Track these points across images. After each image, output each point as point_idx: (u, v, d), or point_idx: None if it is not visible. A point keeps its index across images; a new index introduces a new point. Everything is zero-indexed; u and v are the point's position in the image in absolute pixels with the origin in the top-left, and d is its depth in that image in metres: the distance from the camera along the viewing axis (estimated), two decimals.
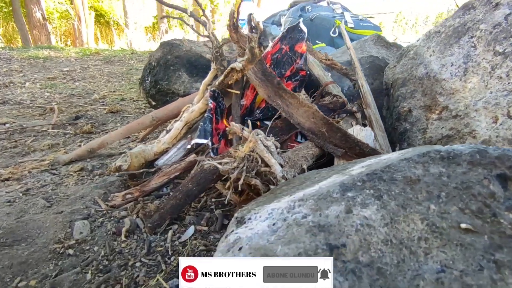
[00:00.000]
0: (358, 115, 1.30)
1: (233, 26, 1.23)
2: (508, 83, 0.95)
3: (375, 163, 0.65)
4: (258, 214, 0.63)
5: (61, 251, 0.95)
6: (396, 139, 1.34)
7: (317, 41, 3.83)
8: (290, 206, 0.59)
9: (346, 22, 3.78)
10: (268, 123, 1.39)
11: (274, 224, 0.56)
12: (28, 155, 1.70)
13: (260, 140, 0.93)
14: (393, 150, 1.33)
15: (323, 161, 1.16)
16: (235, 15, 1.24)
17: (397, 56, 1.50)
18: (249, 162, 0.94)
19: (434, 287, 0.44)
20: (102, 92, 2.99)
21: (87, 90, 3.08)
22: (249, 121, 0.95)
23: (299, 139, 1.38)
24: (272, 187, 0.92)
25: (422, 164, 0.59)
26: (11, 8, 10.46)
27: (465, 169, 0.56)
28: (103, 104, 2.62)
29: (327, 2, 4.36)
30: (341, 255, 0.49)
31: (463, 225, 0.50)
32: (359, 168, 0.66)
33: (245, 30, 4.63)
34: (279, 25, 4.61)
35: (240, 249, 0.54)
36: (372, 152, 1.04)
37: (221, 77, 1.28)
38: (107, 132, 2.00)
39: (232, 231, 0.62)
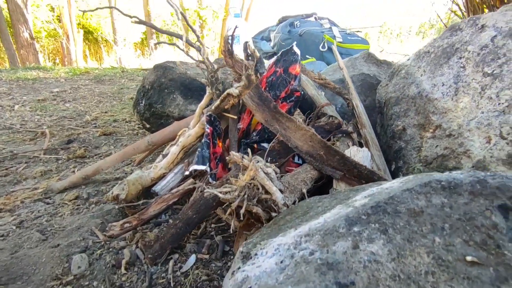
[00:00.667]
0: (354, 135, 1.32)
1: (228, 52, 1.25)
2: (499, 103, 0.98)
3: (377, 193, 0.66)
4: (264, 249, 0.63)
5: None
6: (392, 157, 1.36)
7: (307, 56, 3.90)
8: (296, 242, 0.59)
9: (334, 37, 3.86)
10: (265, 145, 1.40)
11: (282, 262, 0.56)
12: (20, 184, 1.67)
13: (260, 168, 0.94)
14: (389, 168, 1.35)
15: (321, 183, 1.16)
16: (230, 41, 1.26)
17: (388, 74, 1.53)
18: (250, 190, 0.94)
19: None
20: (93, 113, 2.97)
21: (78, 112, 3.06)
22: (248, 150, 0.96)
23: (296, 160, 1.39)
24: (273, 214, 0.92)
25: (425, 195, 0.60)
26: None
27: (467, 199, 0.57)
28: (96, 126, 2.59)
29: (315, 18, 4.45)
30: None
31: (468, 258, 0.51)
32: (362, 198, 0.67)
33: (236, 45, 4.67)
34: (269, 40, 4.69)
35: None
36: (370, 174, 1.05)
37: (218, 102, 1.29)
38: (100, 156, 1.98)
39: (239, 268, 0.62)
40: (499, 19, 1.13)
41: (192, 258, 1.04)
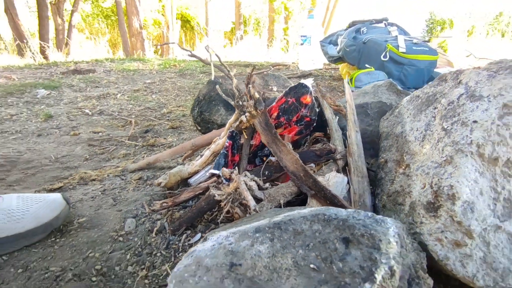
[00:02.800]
0: (340, 162, 1.58)
1: (247, 85, 1.63)
2: (441, 157, 1.16)
3: (291, 215, 1.00)
4: (214, 236, 1.03)
5: (115, 238, 1.48)
6: (376, 184, 1.59)
7: (366, 65, 3.98)
8: (228, 235, 0.98)
9: (397, 46, 3.84)
10: (273, 158, 1.76)
11: (213, 245, 0.96)
12: (109, 161, 2.36)
13: (243, 181, 1.33)
14: (373, 193, 1.58)
15: (302, 198, 1.49)
16: (250, 78, 1.63)
17: (392, 109, 1.72)
18: (235, 195, 1.34)
19: None
20: (170, 107, 3.66)
21: (160, 104, 3.79)
22: (236, 168, 1.34)
23: None
24: (247, 215, 1.31)
25: (310, 222, 0.92)
26: (117, 17, 12.38)
27: (331, 230, 0.88)
28: (168, 119, 3.25)
29: (385, 23, 4.41)
30: (237, 269, 0.86)
31: (311, 265, 0.83)
32: (282, 216, 1.01)
33: (306, 46, 4.93)
34: (336, 44, 4.81)
35: (191, 256, 0.95)
36: (332, 197, 1.34)
37: (236, 123, 1.69)
38: (164, 146, 2.59)
39: (197, 245, 1.03)
40: (472, 77, 1.26)
41: (198, 236, 1.49)
